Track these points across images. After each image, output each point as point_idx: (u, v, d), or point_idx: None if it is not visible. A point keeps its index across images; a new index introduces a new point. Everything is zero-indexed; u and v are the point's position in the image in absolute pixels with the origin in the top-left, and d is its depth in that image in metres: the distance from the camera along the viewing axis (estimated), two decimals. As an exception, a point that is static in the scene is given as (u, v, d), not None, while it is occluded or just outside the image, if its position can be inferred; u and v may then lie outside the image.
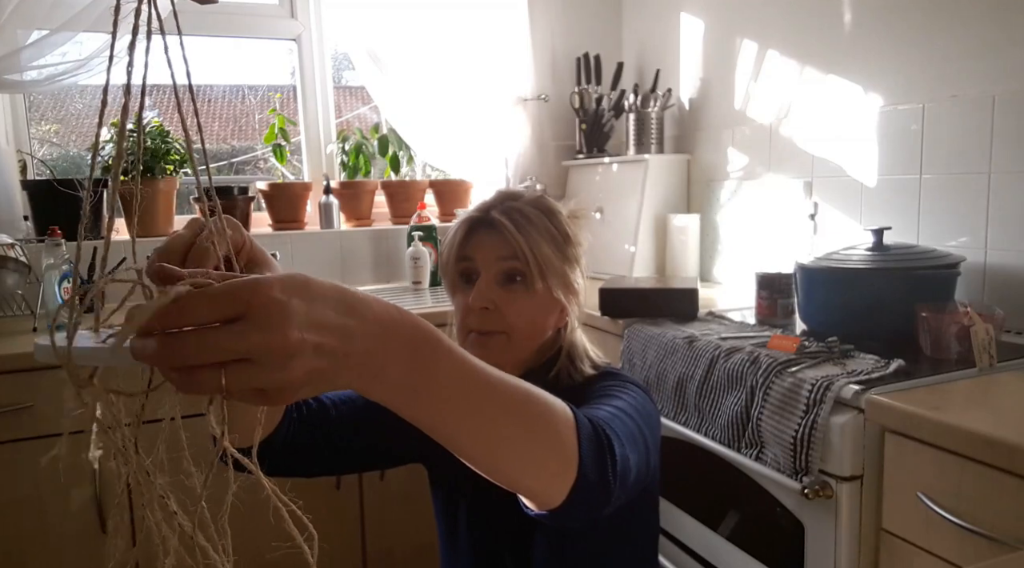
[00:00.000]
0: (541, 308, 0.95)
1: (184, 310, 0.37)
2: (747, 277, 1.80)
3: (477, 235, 0.96)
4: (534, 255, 0.93)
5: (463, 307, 0.95)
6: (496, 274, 0.94)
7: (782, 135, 2.00)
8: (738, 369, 1.29)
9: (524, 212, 0.95)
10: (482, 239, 0.95)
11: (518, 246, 0.92)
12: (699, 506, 1.46)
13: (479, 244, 0.96)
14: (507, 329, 0.93)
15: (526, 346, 0.96)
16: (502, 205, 0.96)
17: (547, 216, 0.97)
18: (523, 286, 0.94)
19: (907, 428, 1.03)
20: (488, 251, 0.95)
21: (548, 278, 0.94)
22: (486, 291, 0.93)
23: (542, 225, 0.95)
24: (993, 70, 1.48)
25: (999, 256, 1.48)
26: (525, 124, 2.57)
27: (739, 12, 2.14)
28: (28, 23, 1.93)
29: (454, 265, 0.97)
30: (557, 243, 0.96)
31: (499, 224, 0.94)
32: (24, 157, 2.21)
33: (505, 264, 0.94)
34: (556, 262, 0.95)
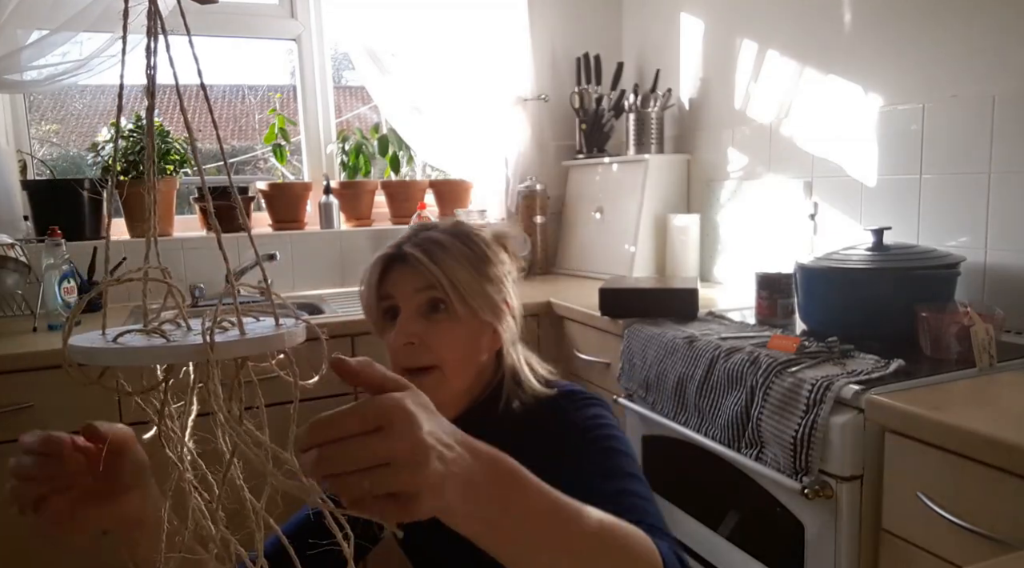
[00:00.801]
0: (470, 334, 0.93)
1: (335, 425, 0.44)
2: (747, 277, 1.80)
3: (393, 272, 0.94)
4: (451, 280, 0.91)
5: (391, 345, 0.92)
6: (416, 307, 0.92)
7: (782, 135, 2.00)
8: (738, 369, 1.29)
9: (436, 240, 0.94)
10: (398, 275, 0.94)
11: (432, 275, 0.90)
12: (699, 506, 1.46)
13: (395, 280, 0.94)
14: (438, 362, 0.91)
15: (462, 377, 0.94)
16: (414, 238, 0.95)
17: (462, 240, 0.95)
18: (446, 315, 0.92)
19: (907, 428, 1.03)
20: (405, 285, 0.93)
21: (471, 301, 0.92)
22: (407, 325, 0.91)
23: (456, 250, 0.93)
24: (993, 70, 1.48)
25: (999, 256, 1.48)
26: (525, 124, 2.58)
27: (739, 12, 2.14)
28: (28, 23, 1.93)
29: (376, 305, 0.95)
30: (476, 265, 0.94)
31: (411, 257, 0.92)
32: (24, 157, 2.21)
33: (423, 295, 0.92)
34: (477, 284, 0.93)
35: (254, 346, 0.44)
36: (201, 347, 0.41)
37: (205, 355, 0.41)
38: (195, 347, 0.42)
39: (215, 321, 0.43)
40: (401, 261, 0.94)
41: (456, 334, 0.92)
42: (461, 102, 2.48)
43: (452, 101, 2.47)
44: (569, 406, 0.93)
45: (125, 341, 0.43)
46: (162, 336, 0.44)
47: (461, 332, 0.92)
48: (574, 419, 0.91)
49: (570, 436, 0.88)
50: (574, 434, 0.88)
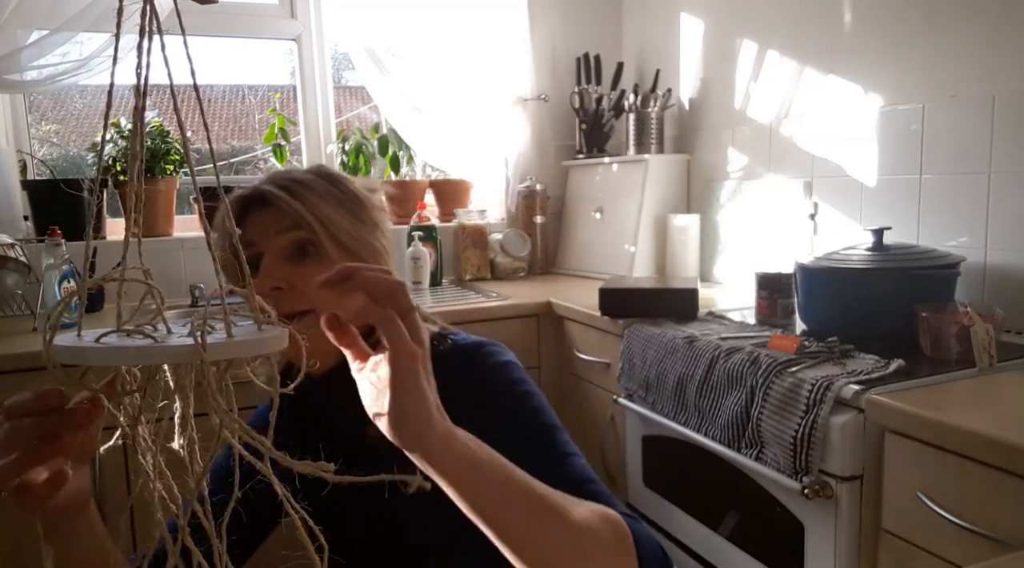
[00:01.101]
0: None
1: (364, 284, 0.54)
2: (747, 277, 1.80)
3: (252, 215, 0.84)
4: (318, 218, 0.81)
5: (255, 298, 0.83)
6: (281, 250, 0.82)
7: (782, 135, 2.00)
8: (738, 369, 1.29)
9: (299, 180, 0.85)
10: (257, 216, 0.83)
11: (298, 213, 0.81)
12: (699, 506, 1.46)
13: (255, 223, 0.83)
14: (311, 305, 0.80)
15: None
16: (273, 179, 0.85)
17: (328, 181, 0.87)
18: (316, 258, 0.82)
19: (907, 428, 1.03)
20: (266, 227, 0.82)
21: (343, 240, 0.83)
22: (273, 270, 0.80)
23: (321, 188, 0.85)
24: (993, 70, 1.48)
25: (999, 256, 1.48)
26: (525, 124, 2.58)
27: (739, 12, 2.14)
28: (28, 23, 1.93)
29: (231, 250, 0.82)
30: (345, 206, 0.85)
31: (271, 196, 0.82)
32: (24, 157, 2.21)
33: (288, 236, 0.81)
34: (348, 223, 0.84)
35: (245, 349, 0.43)
36: (192, 348, 0.40)
37: (197, 356, 0.40)
38: (186, 348, 0.40)
39: (204, 322, 0.42)
40: (260, 203, 0.83)
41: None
42: (461, 102, 2.48)
43: (452, 101, 2.46)
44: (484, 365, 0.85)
45: (107, 342, 0.42)
46: (148, 337, 0.43)
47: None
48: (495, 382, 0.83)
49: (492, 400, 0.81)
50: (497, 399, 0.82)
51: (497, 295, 2.10)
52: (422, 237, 2.33)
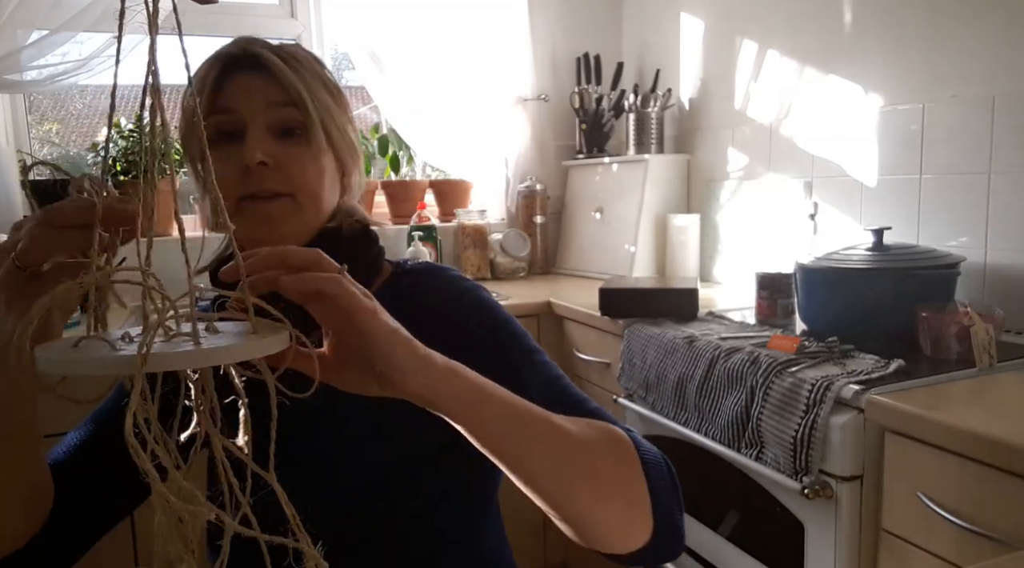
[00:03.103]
0: (325, 168, 0.77)
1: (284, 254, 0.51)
2: (747, 277, 1.80)
3: (236, 78, 0.74)
4: (314, 101, 0.74)
5: (228, 168, 0.72)
6: (268, 125, 0.74)
7: (782, 135, 2.00)
8: (738, 369, 1.29)
9: (291, 51, 0.76)
10: (244, 81, 0.74)
11: (295, 89, 0.73)
12: (699, 506, 1.46)
13: (241, 89, 0.73)
14: (291, 189, 0.74)
15: (314, 212, 0.77)
16: (260, 42, 0.76)
17: (314, 60, 0.80)
18: (303, 139, 0.75)
19: (907, 428, 1.03)
20: (255, 96, 0.73)
21: (330, 132, 0.77)
22: (262, 143, 0.72)
23: (311, 67, 0.77)
24: (993, 70, 1.48)
25: (999, 256, 1.48)
26: (525, 124, 2.57)
27: (739, 12, 2.14)
28: (28, 23, 1.93)
29: (208, 119, 0.73)
30: (332, 93, 0.79)
31: (266, 60, 0.73)
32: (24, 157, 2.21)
33: (279, 113, 0.74)
34: (337, 114, 0.78)
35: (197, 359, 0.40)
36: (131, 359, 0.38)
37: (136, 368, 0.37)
38: (127, 359, 0.38)
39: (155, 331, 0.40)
40: (248, 67, 0.74)
41: (312, 162, 0.76)
42: (461, 102, 2.48)
43: (452, 101, 2.46)
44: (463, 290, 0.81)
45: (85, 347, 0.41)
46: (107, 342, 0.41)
47: (316, 162, 0.76)
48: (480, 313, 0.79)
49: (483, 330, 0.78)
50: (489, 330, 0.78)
51: (497, 295, 2.10)
52: (422, 237, 2.33)
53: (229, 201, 0.72)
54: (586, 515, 0.60)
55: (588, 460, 0.60)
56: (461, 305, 0.79)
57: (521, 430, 0.57)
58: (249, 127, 0.73)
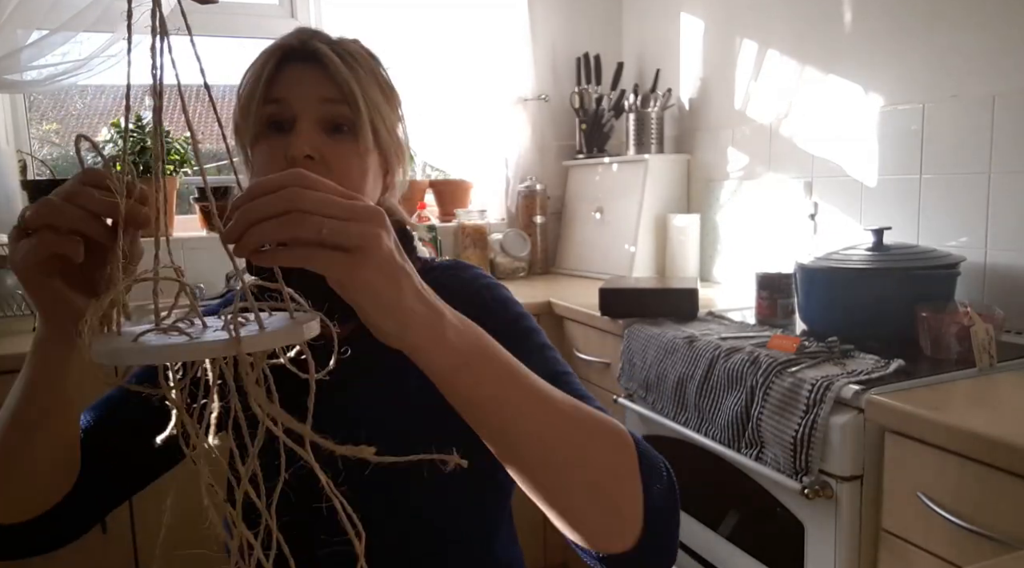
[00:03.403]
0: (370, 167, 0.78)
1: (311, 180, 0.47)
2: (747, 277, 1.80)
3: (291, 70, 0.75)
4: (366, 100, 0.75)
5: (274, 159, 0.73)
6: (318, 119, 0.74)
7: (782, 135, 2.00)
8: (738, 369, 1.29)
9: (347, 47, 0.77)
10: (299, 74, 0.75)
11: (348, 87, 0.74)
12: (699, 506, 1.46)
13: (295, 81, 0.75)
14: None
15: None
16: (320, 36, 0.77)
17: (371, 58, 0.80)
18: (351, 137, 0.75)
19: (907, 428, 1.03)
20: (308, 90, 0.74)
21: (379, 132, 0.77)
22: (309, 137, 0.73)
23: (367, 65, 0.78)
24: (993, 70, 1.48)
25: (999, 256, 1.48)
26: (525, 124, 2.58)
27: (739, 12, 2.14)
28: (28, 23, 1.93)
29: (259, 108, 0.74)
30: (385, 92, 0.79)
31: (323, 55, 0.74)
32: (24, 157, 2.21)
33: (331, 108, 0.74)
34: (387, 113, 0.78)
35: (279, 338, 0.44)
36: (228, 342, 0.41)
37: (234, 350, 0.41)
38: (223, 342, 0.41)
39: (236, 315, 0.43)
40: (306, 59, 0.75)
41: (358, 161, 0.76)
42: (461, 102, 2.48)
43: (452, 101, 2.47)
44: (481, 286, 0.82)
45: (146, 340, 0.43)
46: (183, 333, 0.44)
47: (361, 160, 0.77)
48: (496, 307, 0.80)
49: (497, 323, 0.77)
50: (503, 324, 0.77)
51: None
52: (422, 237, 2.33)
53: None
54: (570, 502, 0.57)
55: (581, 441, 0.57)
56: (483, 299, 0.80)
57: (515, 393, 0.54)
58: (299, 120, 0.74)
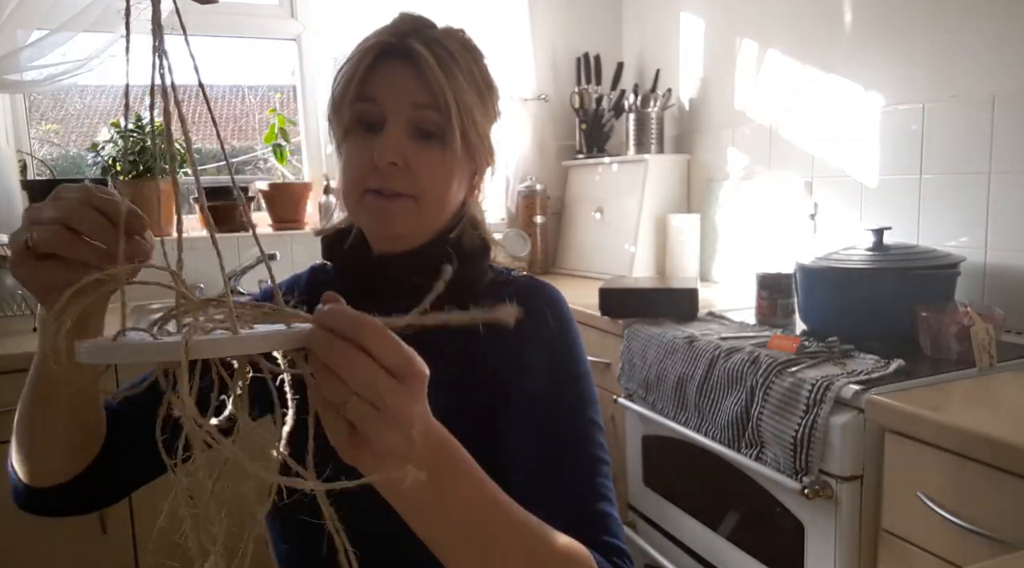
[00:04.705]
0: (456, 172, 0.77)
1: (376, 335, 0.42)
2: (747, 277, 1.80)
3: (386, 68, 0.74)
4: (459, 106, 0.73)
5: (360, 161, 0.74)
6: (407, 123, 0.73)
7: (782, 135, 2.00)
8: (738, 369, 1.29)
9: (447, 46, 0.74)
10: (393, 73, 0.73)
11: (441, 93, 0.72)
12: (699, 506, 1.46)
13: (389, 81, 0.73)
14: (416, 192, 0.74)
15: (435, 215, 0.77)
16: (420, 33, 0.75)
17: (472, 57, 0.77)
18: (439, 143, 0.74)
19: (907, 428, 1.03)
20: (400, 92, 0.73)
21: (470, 138, 0.75)
22: (397, 143, 0.72)
23: (466, 67, 0.75)
24: (994, 70, 1.48)
25: (999, 256, 1.48)
26: (525, 124, 2.58)
27: (739, 12, 2.14)
28: (28, 23, 1.93)
29: (351, 105, 0.74)
30: (481, 92, 0.77)
31: (419, 56, 0.72)
32: (24, 157, 2.21)
33: (422, 114, 0.73)
34: (480, 117, 0.76)
35: (227, 347, 0.41)
36: (176, 346, 0.39)
37: (179, 355, 0.39)
38: (175, 346, 0.39)
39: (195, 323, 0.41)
40: (401, 57, 0.73)
41: (443, 169, 0.75)
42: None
43: (452, 101, 2.46)
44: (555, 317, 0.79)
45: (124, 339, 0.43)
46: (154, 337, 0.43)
47: (448, 168, 0.76)
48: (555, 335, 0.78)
49: (551, 350, 0.77)
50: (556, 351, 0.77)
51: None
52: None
53: (354, 189, 0.75)
54: None
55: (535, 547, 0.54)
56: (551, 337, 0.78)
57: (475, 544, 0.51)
58: (388, 122, 0.73)
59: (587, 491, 0.70)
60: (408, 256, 0.77)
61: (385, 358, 0.42)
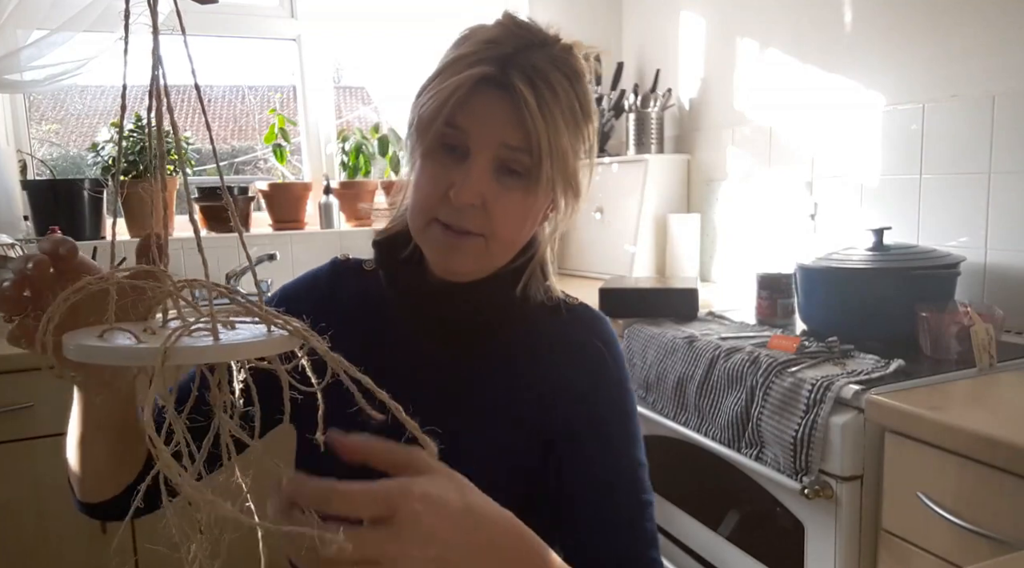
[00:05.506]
0: (533, 212, 0.73)
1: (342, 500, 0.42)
2: (747, 277, 1.80)
3: (482, 99, 0.68)
4: (551, 150, 0.68)
5: (435, 188, 0.70)
6: (493, 160, 0.69)
7: (782, 135, 2.00)
8: (738, 369, 1.29)
9: (550, 79, 0.68)
10: (487, 106, 0.68)
11: (536, 137, 0.67)
12: (699, 506, 1.46)
13: (482, 113, 0.68)
14: (487, 232, 0.70)
15: (502, 256, 0.74)
16: (523, 60, 0.68)
17: (574, 84, 0.71)
18: (521, 183, 0.70)
19: (907, 428, 1.03)
20: (493, 128, 0.68)
21: (557, 179, 0.70)
22: (479, 183, 0.68)
23: (567, 102, 0.69)
24: (993, 70, 1.48)
25: (999, 256, 1.48)
26: (525, 124, 2.57)
27: (739, 11, 2.14)
28: (28, 23, 1.93)
29: (439, 127, 0.69)
30: (579, 125, 0.71)
31: (518, 93, 0.67)
32: (24, 157, 2.21)
33: (509, 153, 0.69)
34: (571, 158, 0.71)
35: (219, 353, 0.41)
36: (154, 350, 0.39)
37: (159, 358, 0.38)
38: (150, 350, 0.39)
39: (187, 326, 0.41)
40: (499, 88, 0.68)
41: (520, 210, 0.71)
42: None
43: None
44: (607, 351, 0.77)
45: (109, 338, 0.42)
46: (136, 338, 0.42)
47: (525, 209, 0.72)
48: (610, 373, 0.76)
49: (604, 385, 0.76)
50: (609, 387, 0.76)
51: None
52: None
53: (423, 215, 0.71)
54: None
55: None
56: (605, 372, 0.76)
57: None
58: (472, 156, 0.69)
59: (636, 537, 0.70)
60: (468, 289, 0.74)
61: (363, 513, 0.42)
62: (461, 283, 0.74)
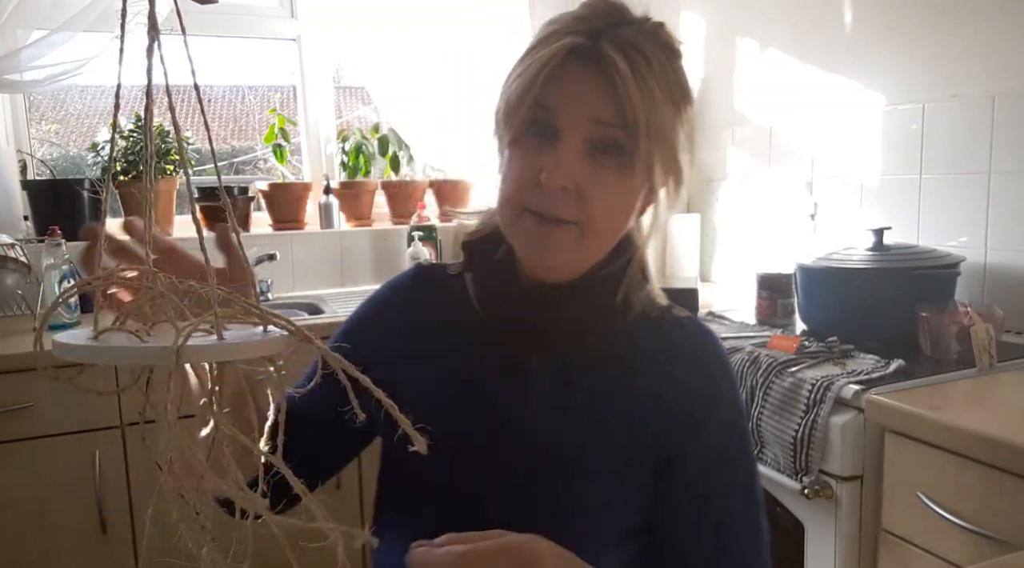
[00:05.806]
0: (630, 198, 0.67)
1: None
2: (747, 277, 1.80)
3: (571, 73, 0.63)
4: (648, 126, 0.61)
5: (524, 174, 0.64)
6: (585, 139, 0.63)
7: (782, 135, 2.00)
8: (738, 369, 1.29)
9: (644, 51, 0.62)
10: (577, 81, 0.62)
11: (631, 110, 0.61)
12: (699, 506, 1.46)
13: (571, 88, 0.63)
14: (582, 220, 0.64)
15: (597, 246, 0.68)
16: (614, 31, 0.62)
17: (671, 59, 0.65)
18: (617, 163, 0.63)
19: (907, 428, 1.03)
20: (583, 104, 0.62)
21: (654, 164, 0.64)
22: (571, 164, 0.62)
23: (663, 75, 0.63)
24: (993, 70, 1.48)
25: (999, 256, 1.48)
26: (525, 124, 2.57)
27: (739, 11, 2.14)
28: (28, 23, 1.93)
29: (527, 110, 0.64)
30: (677, 104, 0.65)
31: (611, 64, 0.61)
32: (24, 157, 2.21)
33: (603, 130, 0.63)
34: (671, 135, 0.65)
35: (227, 352, 0.41)
36: (169, 350, 0.38)
37: (173, 358, 0.38)
38: (163, 350, 0.39)
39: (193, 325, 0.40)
40: (590, 61, 0.62)
41: (618, 194, 0.65)
42: (461, 102, 2.48)
43: (452, 101, 2.46)
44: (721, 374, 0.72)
45: (106, 339, 0.42)
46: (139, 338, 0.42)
47: (624, 192, 0.66)
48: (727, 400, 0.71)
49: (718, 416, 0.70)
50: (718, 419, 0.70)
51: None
52: (422, 237, 2.33)
53: (512, 206, 0.66)
54: None
55: None
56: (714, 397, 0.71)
57: None
58: (563, 136, 0.63)
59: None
60: (565, 294, 0.69)
61: None
62: (556, 287, 0.68)
